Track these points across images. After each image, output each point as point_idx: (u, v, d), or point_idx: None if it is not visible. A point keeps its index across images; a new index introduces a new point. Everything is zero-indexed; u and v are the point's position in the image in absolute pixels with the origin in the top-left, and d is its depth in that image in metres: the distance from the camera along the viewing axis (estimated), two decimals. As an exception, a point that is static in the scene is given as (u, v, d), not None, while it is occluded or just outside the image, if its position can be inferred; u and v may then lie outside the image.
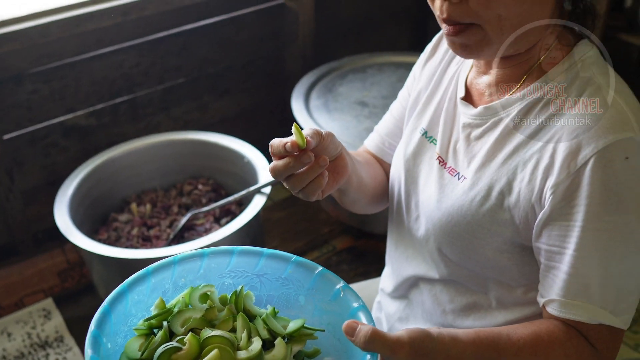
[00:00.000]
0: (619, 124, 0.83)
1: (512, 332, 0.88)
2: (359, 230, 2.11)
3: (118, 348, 0.85)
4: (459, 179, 0.97)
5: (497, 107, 0.94)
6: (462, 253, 0.97)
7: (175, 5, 2.02)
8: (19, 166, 1.99)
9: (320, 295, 0.91)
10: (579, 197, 0.84)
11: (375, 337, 0.78)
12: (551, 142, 0.87)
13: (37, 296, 1.95)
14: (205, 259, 0.94)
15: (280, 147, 0.86)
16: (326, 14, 2.41)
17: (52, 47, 1.92)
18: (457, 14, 0.86)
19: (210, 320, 0.89)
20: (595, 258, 0.84)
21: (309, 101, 2.09)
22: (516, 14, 0.84)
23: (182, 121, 2.26)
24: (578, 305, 0.86)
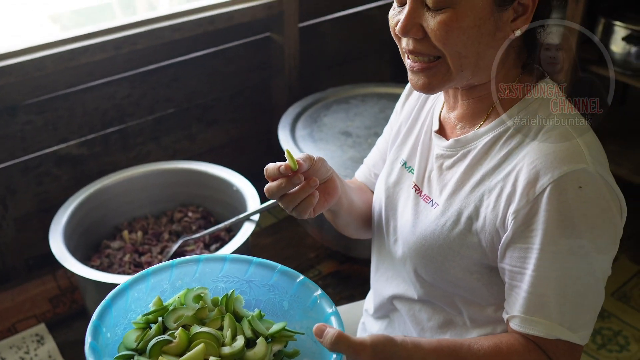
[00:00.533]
0: (573, 156, 0.91)
1: (473, 343, 0.96)
2: (343, 255, 2.18)
3: (117, 338, 0.95)
4: (432, 206, 1.05)
5: (466, 140, 1.02)
6: (436, 274, 1.05)
7: (166, 39, 2.10)
8: (12, 194, 2.04)
9: (301, 301, 1.00)
10: (537, 222, 0.91)
11: (340, 339, 0.87)
12: (513, 172, 0.94)
13: (29, 322, 1.98)
14: (201, 264, 1.04)
15: (275, 170, 0.97)
16: (311, 47, 2.51)
17: (47, 80, 1.99)
18: (421, 48, 0.95)
19: (202, 318, 0.98)
20: (552, 278, 0.92)
21: (295, 131, 2.16)
22: (472, 51, 0.94)
23: (171, 150, 2.33)
24: (537, 321, 0.93)
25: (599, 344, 1.96)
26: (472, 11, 0.91)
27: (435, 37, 0.93)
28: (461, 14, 0.91)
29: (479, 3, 0.91)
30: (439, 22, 0.92)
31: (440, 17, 0.92)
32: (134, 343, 0.93)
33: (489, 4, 0.92)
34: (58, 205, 1.89)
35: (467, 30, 0.92)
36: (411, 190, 1.11)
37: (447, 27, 0.92)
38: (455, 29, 0.92)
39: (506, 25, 0.94)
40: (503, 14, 0.93)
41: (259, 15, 2.26)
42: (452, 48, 0.93)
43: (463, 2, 0.91)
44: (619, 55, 2.11)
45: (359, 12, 2.61)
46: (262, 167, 0.99)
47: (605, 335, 1.99)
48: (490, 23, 0.93)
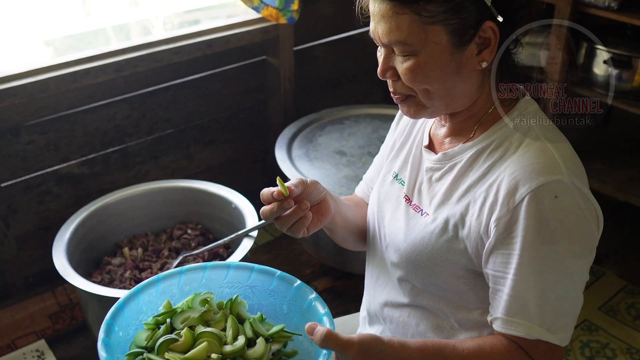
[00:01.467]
0: (550, 168, 0.98)
1: (458, 344, 1.02)
2: (338, 272, 2.23)
3: (129, 337, 1.03)
4: (422, 215, 1.12)
5: (453, 153, 1.10)
6: (425, 279, 1.12)
7: (165, 62, 2.16)
8: (13, 213, 2.08)
9: (299, 305, 1.08)
10: (517, 230, 0.98)
11: (329, 336, 0.94)
12: (495, 182, 1.01)
13: (29, 338, 2.01)
14: (207, 271, 1.13)
15: (269, 195, 1.06)
16: (305, 69, 2.58)
17: (49, 101, 2.04)
18: (398, 88, 1.06)
19: (207, 320, 1.05)
20: (531, 282, 0.98)
21: (291, 151, 2.23)
22: (439, 87, 1.03)
23: (170, 170, 2.38)
24: (518, 322, 1.00)
25: (588, 356, 2.01)
26: (432, 57, 1.00)
27: (405, 79, 1.03)
28: (423, 61, 1.00)
29: (437, 49, 0.99)
30: (405, 68, 1.02)
31: (406, 64, 1.01)
32: (144, 342, 1.01)
33: (447, 49, 1.00)
34: (58, 223, 1.93)
35: (431, 73, 1.01)
36: (402, 200, 1.18)
37: (412, 73, 1.01)
38: (419, 74, 1.01)
39: (470, 59, 1.02)
40: (464, 52, 1.01)
41: (255, 39, 2.33)
42: (419, 88, 1.03)
43: (423, 51, 0.99)
44: (601, 77, 2.20)
45: (351, 36, 2.70)
46: (258, 186, 1.08)
47: (594, 348, 2.04)
48: (452, 63, 1.01)
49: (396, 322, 1.22)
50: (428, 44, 0.99)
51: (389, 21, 0.99)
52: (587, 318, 2.15)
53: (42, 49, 3.91)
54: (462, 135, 1.11)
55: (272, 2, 2.14)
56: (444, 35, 0.98)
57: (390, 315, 1.23)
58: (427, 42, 0.99)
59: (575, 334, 2.09)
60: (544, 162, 0.99)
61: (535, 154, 1.00)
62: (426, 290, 1.14)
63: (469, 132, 1.10)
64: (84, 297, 1.80)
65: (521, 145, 1.02)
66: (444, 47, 0.99)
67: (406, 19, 0.98)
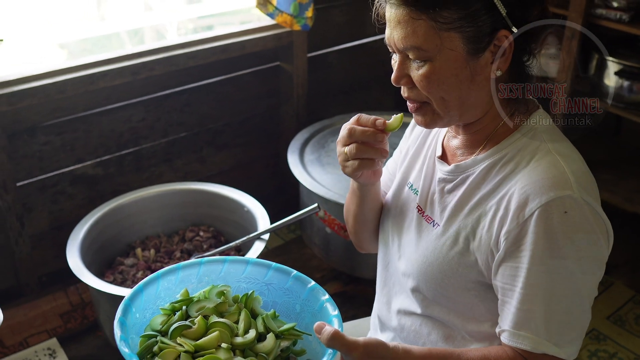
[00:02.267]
0: (560, 184, 0.98)
1: (462, 354, 1.03)
2: (348, 276, 2.25)
3: (145, 320, 1.07)
4: (434, 226, 1.13)
5: (465, 166, 1.11)
6: (436, 290, 1.12)
7: (181, 66, 2.19)
8: (28, 212, 2.11)
9: (311, 305, 1.10)
10: (526, 243, 0.99)
11: (335, 336, 0.96)
12: (506, 196, 1.02)
13: (40, 336, 2.04)
14: (226, 264, 1.15)
15: (368, 120, 1.09)
16: (318, 76, 2.61)
17: (66, 102, 2.07)
18: (413, 95, 1.06)
19: (221, 311, 1.08)
20: (539, 295, 0.99)
21: (303, 156, 2.25)
22: (455, 96, 1.03)
23: (183, 172, 2.40)
24: (524, 335, 1.00)
25: (595, 365, 2.02)
26: (446, 64, 1.01)
27: (420, 86, 1.03)
28: (437, 68, 1.01)
29: (452, 56, 1.00)
30: (420, 74, 1.02)
31: (421, 70, 1.02)
32: (159, 326, 1.05)
33: (462, 56, 1.00)
34: (72, 223, 1.95)
35: (445, 80, 1.02)
36: (414, 210, 1.19)
37: (427, 79, 1.02)
38: (434, 80, 1.02)
39: (485, 68, 1.02)
40: (479, 60, 1.01)
41: (269, 45, 2.36)
42: (434, 95, 1.03)
43: (438, 57, 1.00)
44: (612, 89, 2.21)
45: (364, 44, 2.72)
46: (269, 190, 1.09)
47: (602, 357, 2.05)
48: (467, 71, 1.02)
49: (407, 330, 1.23)
50: (443, 50, 1.00)
51: (405, 27, 1.01)
52: (595, 327, 2.15)
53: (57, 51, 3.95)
54: (474, 147, 1.12)
55: (286, 9, 2.17)
56: (459, 42, 1.00)
57: (402, 324, 1.24)
58: (442, 48, 1.00)
59: (583, 343, 2.09)
60: (554, 176, 0.99)
61: (546, 168, 1.01)
62: (436, 301, 1.14)
63: (481, 145, 1.10)
64: (96, 296, 1.82)
65: (533, 159, 1.03)
66: (458, 54, 1.00)
67: (422, 25, 0.99)
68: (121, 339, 0.98)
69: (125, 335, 0.99)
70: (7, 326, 2.03)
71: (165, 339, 1.02)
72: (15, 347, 1.99)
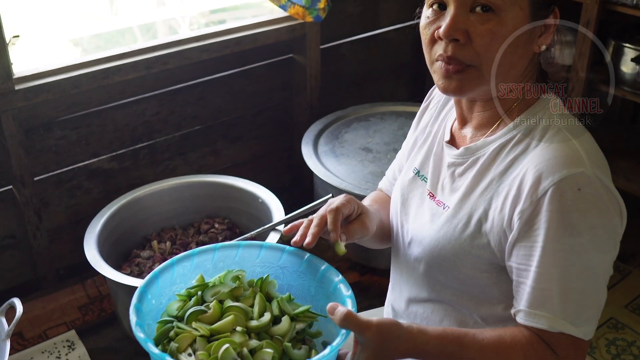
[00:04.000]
0: (573, 161, 0.98)
1: (478, 333, 1.03)
2: (363, 267, 2.25)
3: (161, 307, 1.09)
4: (445, 209, 1.13)
5: (475, 147, 1.11)
6: (448, 273, 1.12)
7: (194, 60, 2.20)
8: (45, 206, 2.13)
9: (325, 287, 1.11)
10: (540, 222, 0.98)
11: (348, 316, 0.96)
12: (518, 176, 1.02)
13: (59, 329, 2.06)
14: (240, 249, 1.17)
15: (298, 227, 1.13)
16: (331, 67, 2.60)
17: (81, 97, 2.09)
18: (461, 54, 1.01)
19: (237, 296, 1.09)
20: (554, 274, 0.98)
21: (317, 147, 2.25)
22: (507, 61, 1.01)
23: (197, 165, 2.41)
24: (540, 314, 1.00)
25: (614, 354, 2.01)
26: (513, 21, 0.99)
27: (481, 43, 0.99)
28: (505, 22, 0.99)
29: (520, 16, 0.99)
30: (486, 28, 0.99)
31: (488, 24, 0.98)
32: (175, 311, 1.06)
33: (527, 17, 1.00)
34: (88, 217, 1.97)
35: (508, 39, 0.99)
36: (425, 196, 1.19)
37: (492, 35, 0.99)
38: (499, 37, 0.99)
39: (534, 39, 1.03)
40: (535, 28, 1.01)
41: (282, 38, 2.36)
42: (492, 55, 1.00)
43: (509, 11, 0.99)
44: (629, 75, 2.19)
45: (377, 35, 2.72)
46: (284, 182, 1.11)
47: (620, 346, 2.04)
48: (526, 35, 1.01)
49: (420, 317, 1.22)
50: (515, 7, 0.99)
51: None
52: (613, 316, 2.14)
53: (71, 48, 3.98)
54: (484, 129, 1.11)
55: (299, 1, 2.17)
56: (526, 2, 0.99)
57: (414, 311, 1.24)
58: (515, 3, 0.99)
59: (601, 331, 2.08)
60: (566, 154, 0.99)
61: (557, 146, 1.00)
62: (449, 285, 1.14)
63: (492, 126, 1.10)
64: (114, 288, 1.83)
65: (543, 138, 1.03)
66: (524, 15, 1.00)
67: None
68: (136, 325, 0.99)
69: (140, 321, 1.00)
70: (26, 319, 2.05)
71: (181, 324, 1.03)
72: (34, 340, 2.02)
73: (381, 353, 0.99)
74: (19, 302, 1.54)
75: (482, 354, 1.01)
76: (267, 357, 1.00)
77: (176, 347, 1.01)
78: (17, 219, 2.08)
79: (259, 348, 1.01)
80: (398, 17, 2.74)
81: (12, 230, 2.10)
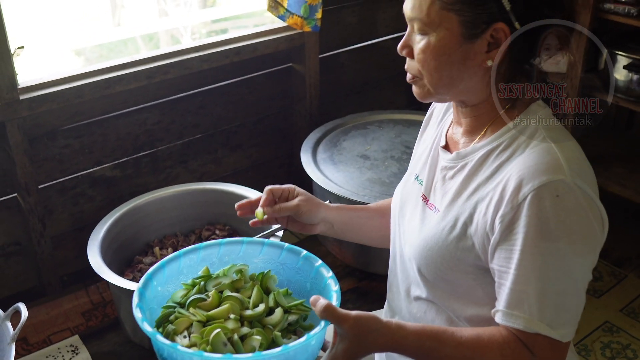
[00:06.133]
0: (553, 168, 1.02)
1: (456, 331, 1.07)
2: (362, 272, 2.28)
3: (167, 294, 1.18)
4: (435, 212, 1.18)
5: (465, 153, 1.15)
6: (436, 274, 1.16)
7: (195, 69, 2.24)
8: (49, 214, 2.16)
9: (318, 283, 1.19)
10: (519, 226, 1.02)
11: (328, 308, 1.03)
12: (502, 181, 1.06)
13: (63, 334, 2.09)
14: (244, 245, 1.26)
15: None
16: (330, 76, 2.64)
17: (84, 107, 2.13)
18: (410, 67, 1.14)
19: (237, 288, 1.19)
20: (532, 277, 1.01)
21: (316, 155, 2.29)
22: (445, 75, 1.09)
23: (198, 173, 2.45)
24: (517, 315, 1.03)
25: (608, 357, 2.03)
26: (441, 42, 1.06)
27: (416, 59, 1.10)
28: (432, 43, 1.07)
29: (447, 35, 1.06)
30: (418, 47, 1.09)
31: (420, 44, 1.08)
32: (179, 299, 1.16)
33: (456, 37, 1.05)
34: (92, 224, 2.01)
35: (438, 57, 1.07)
36: (419, 199, 1.24)
37: (422, 53, 1.08)
38: (428, 55, 1.08)
39: (478, 55, 1.06)
40: (473, 45, 1.06)
41: (281, 47, 2.40)
42: (425, 70, 1.09)
43: (435, 33, 1.06)
44: (621, 82, 2.23)
45: (375, 44, 2.76)
46: None
47: (615, 349, 2.06)
48: (459, 53, 1.06)
49: (414, 316, 1.26)
50: (440, 28, 1.05)
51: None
52: (608, 320, 2.17)
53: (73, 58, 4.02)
54: (474, 135, 1.16)
55: (297, 11, 2.21)
56: (455, 23, 1.05)
57: (410, 310, 1.28)
58: (440, 25, 1.05)
59: (596, 335, 2.11)
60: (547, 162, 1.02)
61: (540, 154, 1.04)
62: (437, 285, 1.18)
63: (479, 132, 1.15)
64: (117, 294, 1.87)
65: (529, 146, 1.06)
66: (453, 35, 1.05)
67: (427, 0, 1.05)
68: (137, 306, 1.08)
69: (142, 304, 1.09)
70: (30, 324, 2.09)
71: (181, 310, 1.12)
72: (39, 345, 2.05)
73: (358, 345, 1.03)
74: (24, 306, 1.57)
75: (459, 350, 1.05)
76: (255, 343, 1.07)
77: (173, 329, 1.10)
78: (22, 226, 2.12)
79: (250, 335, 1.09)
80: (395, 26, 2.78)
81: (17, 237, 2.14)
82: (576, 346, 2.06)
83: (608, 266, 2.38)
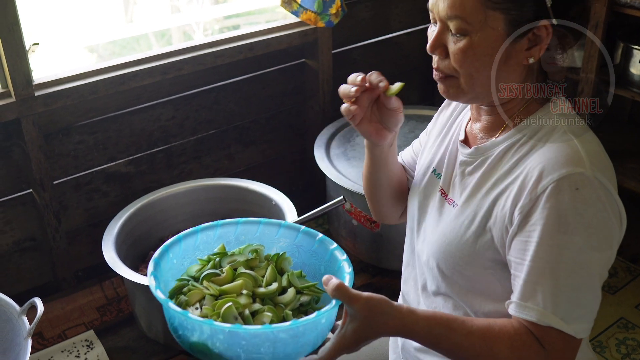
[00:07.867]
0: (573, 161, 1.01)
1: (468, 320, 1.06)
2: (375, 268, 2.28)
3: (182, 267, 1.20)
4: (453, 207, 1.18)
5: (485, 148, 1.15)
6: (454, 268, 1.16)
7: (208, 65, 2.24)
8: (64, 209, 2.18)
9: (332, 266, 1.19)
10: (537, 218, 1.01)
11: (340, 287, 1.02)
12: (522, 174, 1.05)
13: (78, 329, 2.10)
14: (262, 226, 1.27)
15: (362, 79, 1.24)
16: (343, 71, 2.62)
17: (99, 103, 2.14)
18: (442, 66, 1.10)
19: (252, 266, 1.20)
20: (547, 269, 1.01)
21: (329, 150, 2.29)
22: (485, 75, 1.06)
23: (212, 169, 2.46)
24: (530, 307, 1.02)
25: (623, 354, 2.02)
26: (485, 42, 1.04)
27: (454, 59, 1.07)
28: (476, 43, 1.04)
29: (492, 35, 1.03)
30: (457, 48, 1.05)
31: (460, 44, 1.05)
32: (194, 273, 1.18)
33: (502, 36, 1.04)
34: (106, 220, 2.02)
35: (480, 58, 1.05)
36: (438, 193, 1.23)
37: (463, 54, 1.05)
38: (470, 56, 1.05)
39: (519, 53, 1.06)
40: (516, 44, 1.04)
41: (294, 43, 2.40)
42: (465, 70, 1.07)
43: (479, 33, 1.03)
44: (637, 77, 2.20)
45: (388, 39, 2.75)
46: (296, 185, 1.16)
47: (630, 346, 2.05)
48: (503, 52, 1.04)
49: None
50: (485, 27, 1.03)
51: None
52: (623, 316, 2.15)
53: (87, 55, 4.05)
54: (494, 130, 1.15)
55: (310, 7, 2.21)
56: (501, 22, 1.02)
57: (425, 304, 1.27)
58: (485, 24, 1.02)
59: (611, 331, 2.10)
60: (567, 154, 1.02)
61: (560, 147, 1.04)
62: (455, 281, 1.17)
63: (499, 129, 1.14)
64: (131, 289, 1.88)
65: (549, 140, 1.06)
66: (499, 34, 1.03)
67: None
68: (151, 274, 1.10)
69: (156, 273, 1.11)
70: (45, 319, 2.10)
71: (195, 283, 1.14)
72: (54, 339, 2.06)
73: (369, 326, 1.02)
74: (39, 301, 1.59)
75: (468, 339, 1.04)
76: (266, 319, 1.08)
77: (185, 300, 1.11)
78: (37, 221, 2.14)
79: (261, 311, 1.09)
80: (409, 21, 2.77)
81: (33, 232, 2.15)
82: (591, 342, 2.05)
83: (623, 262, 2.37)
